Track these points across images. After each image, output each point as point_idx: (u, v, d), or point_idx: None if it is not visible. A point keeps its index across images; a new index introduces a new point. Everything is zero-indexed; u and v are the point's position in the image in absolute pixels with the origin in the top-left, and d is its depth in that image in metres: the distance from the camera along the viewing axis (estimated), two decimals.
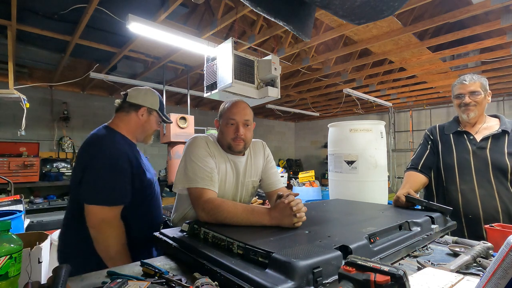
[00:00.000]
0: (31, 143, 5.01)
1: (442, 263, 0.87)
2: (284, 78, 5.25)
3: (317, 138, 9.59)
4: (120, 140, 1.36)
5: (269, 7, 1.02)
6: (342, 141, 2.43)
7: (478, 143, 1.58)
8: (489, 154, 1.54)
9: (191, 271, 0.78)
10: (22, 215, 1.61)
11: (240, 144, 1.31)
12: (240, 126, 1.30)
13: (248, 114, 1.34)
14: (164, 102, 4.64)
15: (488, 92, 1.63)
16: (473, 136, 1.61)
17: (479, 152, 1.56)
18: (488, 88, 1.63)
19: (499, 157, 1.51)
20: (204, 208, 1.10)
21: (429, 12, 3.21)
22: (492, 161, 1.52)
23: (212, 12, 3.16)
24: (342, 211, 1.35)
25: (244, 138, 1.31)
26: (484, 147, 1.56)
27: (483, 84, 1.60)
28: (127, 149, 1.33)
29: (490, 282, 0.49)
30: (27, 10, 2.81)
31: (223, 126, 1.33)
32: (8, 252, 0.66)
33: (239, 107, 1.33)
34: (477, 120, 1.64)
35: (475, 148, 1.58)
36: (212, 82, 2.72)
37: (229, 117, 1.31)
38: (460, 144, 1.64)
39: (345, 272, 0.58)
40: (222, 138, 1.34)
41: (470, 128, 1.65)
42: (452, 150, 1.65)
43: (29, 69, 4.69)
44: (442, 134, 1.73)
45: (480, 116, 1.63)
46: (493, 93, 5.96)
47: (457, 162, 1.61)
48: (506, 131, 1.54)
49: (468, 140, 1.62)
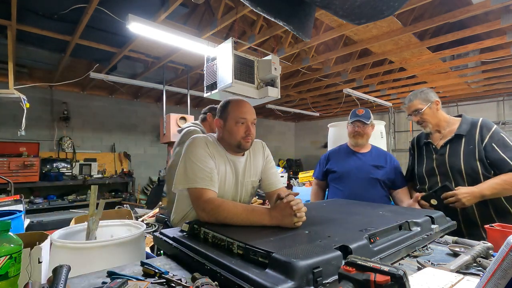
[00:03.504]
0: (31, 143, 5.01)
1: (442, 263, 0.87)
2: (284, 78, 5.25)
3: (317, 138, 9.59)
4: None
5: (269, 7, 1.02)
6: (342, 141, 2.42)
7: (439, 150, 1.66)
8: (448, 159, 1.61)
9: (191, 271, 0.78)
10: (22, 215, 1.61)
11: (249, 142, 1.33)
12: (250, 125, 1.32)
13: (254, 113, 1.37)
14: (164, 102, 4.61)
15: (435, 101, 1.67)
16: (435, 145, 1.70)
17: (440, 158, 1.65)
18: (432, 98, 1.67)
19: (455, 161, 1.58)
20: (204, 208, 1.10)
21: (429, 12, 3.21)
22: (450, 165, 1.60)
23: (212, 12, 3.16)
24: (342, 211, 1.35)
25: (253, 136, 1.33)
26: (443, 153, 1.64)
27: (422, 98, 1.67)
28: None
29: (490, 282, 0.49)
30: (27, 10, 2.81)
31: (232, 125, 1.31)
32: (8, 252, 0.66)
33: (247, 107, 1.35)
34: (438, 127, 1.70)
35: (437, 156, 1.67)
36: (212, 82, 2.72)
37: (239, 116, 1.31)
38: (428, 154, 1.74)
39: (345, 272, 0.58)
40: (230, 137, 1.32)
41: (435, 135, 1.72)
42: (423, 160, 1.75)
43: (29, 69, 4.70)
44: (418, 146, 1.84)
45: (439, 123, 1.69)
46: (493, 93, 5.96)
47: (425, 171, 1.72)
48: (460, 134, 1.59)
49: (432, 149, 1.71)
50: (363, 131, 2.01)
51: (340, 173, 2.02)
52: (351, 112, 2.10)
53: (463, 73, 4.73)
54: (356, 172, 1.97)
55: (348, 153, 2.10)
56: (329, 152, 2.22)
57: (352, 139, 2.05)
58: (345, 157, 2.08)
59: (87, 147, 5.93)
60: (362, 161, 2.01)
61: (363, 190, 1.90)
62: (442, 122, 1.69)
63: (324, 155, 2.24)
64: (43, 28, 3.14)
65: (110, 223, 1.44)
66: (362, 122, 2.01)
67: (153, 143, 6.95)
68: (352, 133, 2.04)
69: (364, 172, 1.96)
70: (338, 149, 2.20)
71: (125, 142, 6.52)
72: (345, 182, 1.96)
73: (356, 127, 2.02)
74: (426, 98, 1.66)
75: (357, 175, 1.96)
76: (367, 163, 1.99)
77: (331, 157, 2.16)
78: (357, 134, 2.02)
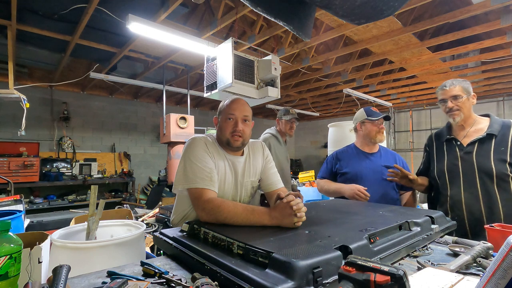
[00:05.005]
0: (31, 143, 5.02)
1: (442, 263, 0.87)
2: (284, 78, 5.26)
3: (317, 138, 9.59)
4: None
5: (269, 7, 1.02)
6: (342, 141, 2.43)
7: (465, 148, 1.62)
8: (475, 158, 1.57)
9: (191, 271, 0.78)
10: (22, 215, 1.60)
11: (238, 140, 1.31)
12: (239, 122, 1.30)
13: (247, 110, 1.35)
14: (164, 102, 4.61)
15: (472, 94, 1.65)
16: (460, 142, 1.65)
17: (466, 157, 1.60)
18: (471, 91, 1.65)
19: (485, 162, 1.53)
20: (204, 208, 1.10)
21: (429, 12, 3.21)
22: (478, 165, 1.55)
23: (212, 12, 3.16)
24: (342, 211, 1.35)
25: (243, 134, 1.31)
26: (471, 151, 1.59)
27: (464, 87, 1.63)
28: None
29: (490, 282, 0.49)
30: (27, 10, 2.81)
31: (222, 122, 1.33)
32: (8, 252, 0.66)
33: (239, 103, 1.34)
34: (465, 122, 1.66)
35: (462, 154, 1.62)
36: (212, 82, 2.72)
37: (228, 112, 1.31)
38: (450, 150, 1.69)
39: (345, 272, 0.58)
40: (220, 134, 1.34)
41: (459, 132, 1.68)
42: (444, 157, 1.70)
43: (29, 69, 4.70)
44: (438, 142, 1.79)
45: (468, 118, 1.66)
46: (493, 93, 5.96)
47: (447, 169, 1.67)
48: (492, 134, 1.56)
49: (456, 146, 1.66)
50: (384, 128, 2.01)
51: (353, 174, 1.98)
52: (366, 110, 2.04)
53: (463, 73, 4.73)
54: (369, 173, 1.94)
55: (358, 154, 2.06)
56: (336, 152, 2.17)
57: (377, 137, 1.99)
58: (355, 158, 2.04)
59: (87, 147, 5.93)
60: (373, 162, 1.99)
61: (376, 192, 1.87)
62: (470, 119, 1.66)
63: (331, 155, 2.19)
64: (43, 28, 3.14)
65: (110, 223, 1.44)
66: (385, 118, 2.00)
67: (153, 143, 6.96)
68: (377, 131, 1.99)
69: (377, 173, 1.93)
70: (346, 150, 2.15)
71: (125, 142, 6.52)
72: (359, 184, 1.91)
73: (381, 124, 1.99)
74: (467, 88, 1.64)
75: (371, 176, 1.93)
76: (378, 164, 1.97)
77: (340, 157, 2.11)
78: (381, 131, 1.99)
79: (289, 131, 2.55)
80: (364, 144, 2.08)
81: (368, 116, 2.01)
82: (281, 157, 2.47)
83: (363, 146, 2.08)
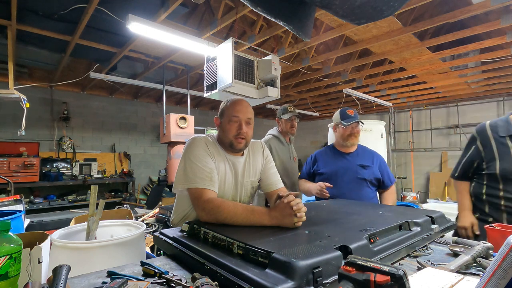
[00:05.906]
0: (31, 143, 5.01)
1: (442, 263, 0.87)
2: (284, 78, 5.25)
3: (317, 138, 9.58)
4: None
5: (269, 7, 1.02)
6: None
7: None
8: None
9: (191, 271, 0.78)
10: (22, 215, 1.60)
11: (242, 142, 1.31)
12: (243, 124, 1.30)
13: (250, 112, 1.35)
14: (164, 102, 4.61)
15: None
16: None
17: None
18: None
19: None
20: (204, 208, 1.10)
21: (429, 12, 3.21)
22: None
23: (212, 12, 3.16)
24: (342, 211, 1.35)
25: (246, 136, 1.31)
26: None
27: None
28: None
29: (490, 282, 0.49)
30: (27, 10, 2.81)
31: (225, 123, 1.32)
32: (8, 252, 0.66)
33: (243, 105, 1.33)
34: None
35: None
36: (212, 82, 2.72)
37: (232, 114, 1.31)
38: None
39: (345, 272, 0.58)
40: (223, 136, 1.33)
41: None
42: (510, 155, 1.47)
43: (29, 69, 4.70)
44: (496, 135, 1.54)
45: None
46: (493, 93, 5.96)
47: None
48: None
49: None
50: (358, 131, 2.02)
51: (328, 174, 2.03)
52: (340, 113, 2.08)
53: (463, 73, 4.72)
54: (343, 172, 1.98)
55: (335, 154, 2.11)
56: (315, 154, 2.23)
57: (349, 141, 2.03)
58: (332, 158, 2.09)
59: (87, 147, 5.93)
60: (349, 161, 2.03)
61: (351, 190, 1.91)
62: None
63: (310, 156, 2.25)
64: (43, 28, 3.14)
65: (110, 223, 1.44)
66: (358, 123, 2.02)
67: (153, 143, 6.96)
68: (348, 134, 2.02)
69: (351, 172, 1.96)
70: (325, 150, 2.21)
71: (125, 142, 6.52)
72: (332, 183, 1.95)
73: (353, 128, 2.02)
74: None
75: (344, 175, 1.97)
76: (354, 163, 2.00)
77: (318, 158, 2.17)
78: (353, 134, 2.02)
79: (290, 129, 2.55)
80: (340, 144, 2.12)
81: (342, 120, 2.04)
82: (284, 157, 2.46)
83: (339, 146, 2.12)
